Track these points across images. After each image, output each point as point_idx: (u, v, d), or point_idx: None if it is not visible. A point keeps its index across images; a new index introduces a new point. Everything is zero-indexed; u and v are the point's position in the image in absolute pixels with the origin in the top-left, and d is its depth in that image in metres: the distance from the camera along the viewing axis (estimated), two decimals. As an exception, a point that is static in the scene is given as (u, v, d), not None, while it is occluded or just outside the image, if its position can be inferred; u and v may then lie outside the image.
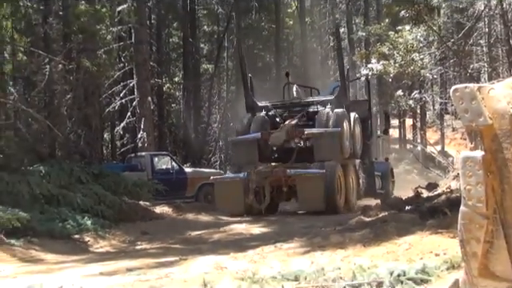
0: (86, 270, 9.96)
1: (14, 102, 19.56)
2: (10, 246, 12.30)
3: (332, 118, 18.55)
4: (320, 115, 19.02)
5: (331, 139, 18.18)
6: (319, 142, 18.44)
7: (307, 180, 17.58)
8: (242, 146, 19.54)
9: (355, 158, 20.14)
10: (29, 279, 9.09)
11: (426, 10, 18.50)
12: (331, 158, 18.04)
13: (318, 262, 7.95)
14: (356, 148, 19.90)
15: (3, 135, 17.61)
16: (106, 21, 24.92)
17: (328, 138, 18.20)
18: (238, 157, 20.11)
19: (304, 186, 17.51)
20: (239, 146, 19.80)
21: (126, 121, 28.20)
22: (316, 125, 18.88)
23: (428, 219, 10.86)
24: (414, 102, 34.73)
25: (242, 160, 19.31)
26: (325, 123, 18.58)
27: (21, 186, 15.09)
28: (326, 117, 18.74)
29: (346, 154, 18.87)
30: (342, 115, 18.81)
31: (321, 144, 18.32)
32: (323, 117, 18.84)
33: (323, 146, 18.20)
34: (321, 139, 18.38)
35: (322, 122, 18.73)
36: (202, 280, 6.18)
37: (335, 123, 18.40)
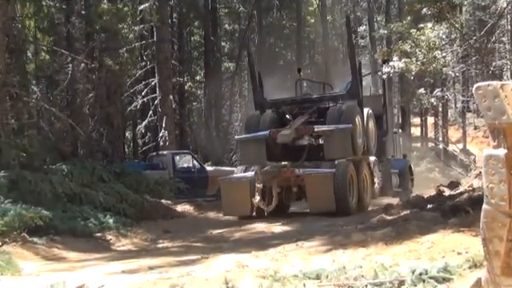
0: (108, 268, 10.01)
1: (36, 100, 19.69)
2: (33, 244, 12.37)
3: (343, 114, 17.51)
4: (331, 111, 17.91)
5: (342, 136, 17.17)
6: (330, 139, 17.38)
7: (316, 180, 16.72)
8: (249, 145, 18.49)
9: (369, 155, 19.11)
10: (51, 277, 9.14)
11: (448, 7, 18.38)
12: (342, 156, 17.15)
13: (339, 260, 7.93)
14: (370, 145, 18.91)
15: (26, 134, 17.74)
16: (128, 19, 25.07)
17: (339, 135, 17.16)
18: (245, 156, 19.21)
19: (313, 187, 16.61)
20: (247, 144, 18.76)
21: (147, 119, 28.32)
22: (327, 121, 17.65)
23: (450, 218, 10.82)
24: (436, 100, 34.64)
25: (250, 159, 18.52)
26: (336, 120, 17.42)
27: (43, 185, 15.17)
28: (337, 113, 17.64)
29: (358, 151, 17.84)
30: (354, 111, 17.87)
31: (331, 141, 17.32)
32: (334, 113, 17.74)
33: (334, 143, 17.24)
34: (331, 136, 17.30)
35: (332, 118, 17.56)
36: (224, 278, 6.18)
37: (347, 119, 17.29)
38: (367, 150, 18.65)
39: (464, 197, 13.43)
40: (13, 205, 13.10)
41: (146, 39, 28.44)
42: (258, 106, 19.82)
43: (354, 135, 17.28)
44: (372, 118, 19.24)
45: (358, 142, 17.67)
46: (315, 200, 16.64)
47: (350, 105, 17.96)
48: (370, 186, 18.40)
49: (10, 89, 16.70)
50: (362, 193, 17.64)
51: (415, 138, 42.50)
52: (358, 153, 17.82)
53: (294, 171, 16.96)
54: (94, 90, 22.38)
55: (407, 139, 38.95)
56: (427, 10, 19.80)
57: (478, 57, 23.05)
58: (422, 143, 42.91)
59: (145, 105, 28.91)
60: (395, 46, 24.02)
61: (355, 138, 17.41)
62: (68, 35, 24.54)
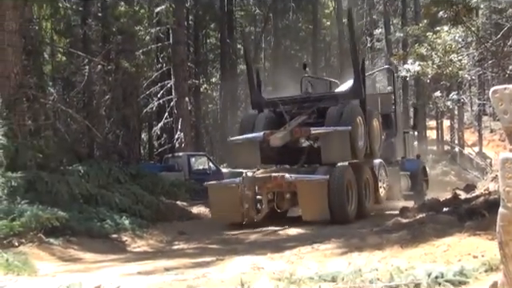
0: (124, 269, 10.03)
1: (53, 102, 19.77)
2: (49, 244, 12.42)
3: (343, 115, 16.23)
4: (330, 112, 16.54)
5: (340, 139, 15.89)
6: (327, 142, 16.10)
7: (309, 187, 15.36)
8: (242, 148, 17.16)
9: (373, 158, 17.83)
10: (68, 278, 9.18)
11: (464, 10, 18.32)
12: (341, 160, 16.13)
13: (355, 263, 7.93)
14: (374, 147, 17.51)
15: (43, 135, 17.79)
16: (144, 22, 25.18)
17: (337, 137, 15.92)
18: (238, 159, 17.68)
19: (306, 194, 15.23)
20: (240, 147, 17.33)
21: (163, 121, 28.38)
22: (325, 123, 16.42)
23: (466, 221, 10.79)
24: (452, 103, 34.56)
25: (243, 163, 17.25)
26: (335, 121, 16.18)
27: (60, 186, 15.23)
28: (337, 114, 16.33)
29: (359, 154, 16.54)
30: (355, 111, 16.60)
31: (329, 145, 16.04)
32: (333, 114, 16.41)
33: (331, 146, 15.98)
34: (329, 139, 16.06)
35: (331, 119, 16.31)
36: (239, 280, 6.20)
37: (346, 121, 16.05)
38: (371, 153, 17.44)
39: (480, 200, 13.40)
40: (29, 205, 13.17)
41: (162, 41, 28.51)
42: (256, 106, 18.91)
43: (353, 138, 16.10)
44: (377, 118, 18.07)
45: (359, 144, 16.53)
46: (308, 208, 15.35)
47: (350, 105, 16.84)
48: (372, 191, 17.26)
49: (26, 90, 16.77)
50: (362, 199, 16.50)
51: (431, 141, 42.37)
52: (359, 156, 16.64)
53: (284, 177, 15.57)
54: (111, 92, 22.47)
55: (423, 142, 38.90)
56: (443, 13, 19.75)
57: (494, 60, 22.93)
58: (437, 146, 42.78)
59: (161, 107, 28.99)
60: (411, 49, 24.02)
61: (355, 141, 16.24)
62: (84, 37, 24.63)
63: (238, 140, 17.57)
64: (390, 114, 19.58)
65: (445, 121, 44.12)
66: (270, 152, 17.10)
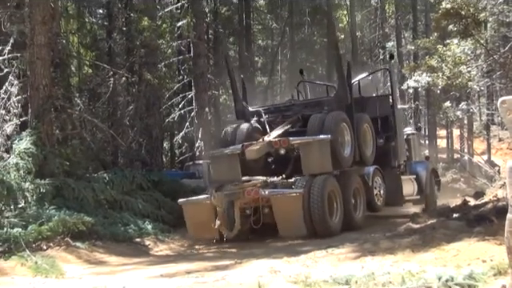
0: (148, 272, 10.06)
1: (79, 112, 19.85)
2: (76, 248, 12.49)
3: (325, 123, 14.78)
4: (312, 120, 15.09)
5: (320, 149, 14.39)
6: (306, 152, 14.50)
7: (283, 201, 13.64)
8: (221, 161, 15.66)
9: (365, 164, 16.26)
10: (94, 280, 9.23)
11: (473, 24, 18.30)
12: (321, 170, 14.35)
13: (368, 266, 7.92)
14: (365, 153, 16.14)
15: (70, 144, 17.88)
16: (166, 36, 25.29)
17: (316, 147, 14.42)
18: (217, 173, 15.97)
19: (280, 209, 13.53)
20: (219, 160, 15.85)
21: (184, 130, 28.43)
22: (307, 131, 14.96)
23: (475, 226, 10.74)
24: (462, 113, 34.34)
25: (223, 176, 15.31)
26: (317, 129, 14.73)
27: (86, 192, 15.33)
28: (319, 122, 14.88)
29: (345, 162, 15.15)
30: (338, 118, 15.10)
31: (308, 155, 14.47)
32: (315, 122, 14.97)
33: (311, 156, 14.44)
34: (308, 149, 14.49)
35: (313, 128, 14.87)
36: (257, 283, 6.21)
37: (329, 129, 14.60)
38: (361, 160, 16.06)
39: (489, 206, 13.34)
40: (57, 211, 13.28)
41: (184, 54, 28.59)
42: (241, 116, 17.42)
43: (336, 146, 14.68)
44: (368, 123, 16.54)
45: (344, 152, 15.20)
46: (284, 223, 13.65)
47: (333, 112, 15.28)
48: (364, 200, 15.60)
49: (54, 101, 16.86)
50: (350, 209, 14.82)
51: (441, 149, 42.25)
52: (345, 164, 15.25)
53: (258, 191, 13.76)
54: (134, 103, 22.57)
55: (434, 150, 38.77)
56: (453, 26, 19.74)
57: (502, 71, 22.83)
58: (447, 154, 42.65)
59: (182, 116, 29.04)
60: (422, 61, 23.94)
61: (339, 149, 14.86)
62: (109, 50, 24.76)
63: (217, 153, 16.27)
64: (388, 117, 17.74)
65: (454, 130, 43.94)
66: (254, 164, 15.49)
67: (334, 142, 14.60)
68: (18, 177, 14.73)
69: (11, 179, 14.46)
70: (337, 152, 14.72)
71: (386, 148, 17.48)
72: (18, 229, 12.21)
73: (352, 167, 15.66)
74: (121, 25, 25.10)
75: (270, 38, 42.88)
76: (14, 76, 18.10)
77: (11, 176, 14.67)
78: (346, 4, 40.57)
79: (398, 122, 17.95)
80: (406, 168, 18.61)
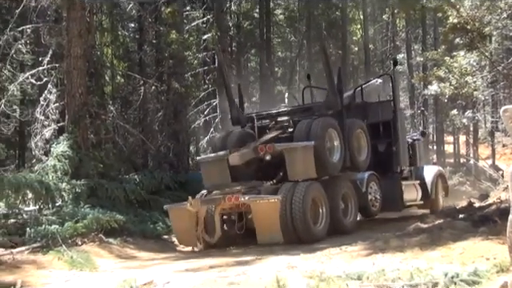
0: (174, 267, 10.09)
1: (112, 118, 19.95)
2: (108, 244, 12.56)
3: (312, 129, 13.65)
4: (299, 126, 13.98)
5: (304, 155, 13.29)
6: (291, 158, 13.38)
7: (262, 207, 12.38)
8: (211, 166, 14.60)
9: (357, 170, 15.08)
10: (124, 273, 9.27)
11: (478, 37, 18.22)
12: (304, 176, 13.25)
13: (379, 263, 7.90)
14: (357, 159, 14.85)
15: (103, 148, 17.98)
16: (193, 48, 25.28)
17: (300, 153, 13.33)
18: (207, 178, 14.75)
19: (259, 215, 12.35)
20: (208, 165, 14.77)
21: (209, 135, 28.44)
22: (294, 137, 13.87)
23: (480, 227, 10.70)
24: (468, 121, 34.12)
25: (212, 181, 14.36)
26: (304, 136, 13.62)
27: (118, 192, 15.43)
28: (306, 128, 13.74)
29: (333, 169, 13.96)
30: (325, 125, 13.90)
31: (292, 161, 13.37)
32: (302, 128, 13.82)
33: (295, 163, 13.35)
34: (292, 155, 13.39)
35: (300, 134, 13.75)
36: (275, 277, 6.21)
37: (315, 135, 13.50)
38: (353, 165, 14.78)
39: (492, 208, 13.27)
40: (91, 209, 13.37)
41: (209, 65, 28.59)
42: (235, 122, 16.30)
43: (321, 152, 13.50)
44: (362, 129, 15.31)
45: (332, 158, 14.00)
46: (262, 230, 12.37)
47: (320, 118, 14.12)
48: (354, 205, 14.48)
49: (89, 108, 16.97)
50: (338, 215, 13.74)
51: (448, 154, 42.00)
52: (333, 170, 14.04)
53: (238, 198, 12.64)
54: (163, 110, 22.60)
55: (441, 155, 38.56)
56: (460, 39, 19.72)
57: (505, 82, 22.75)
58: (454, 159, 42.36)
59: (207, 122, 29.02)
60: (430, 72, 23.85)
61: (325, 155, 13.66)
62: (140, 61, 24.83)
63: (206, 158, 15.23)
64: (390, 122, 16.45)
65: (461, 136, 43.64)
66: (246, 169, 14.42)
67: (320, 148, 13.44)
68: (56, 178, 14.87)
69: (49, 180, 14.60)
70: (323, 158, 13.59)
71: (388, 153, 16.42)
72: (56, 226, 12.31)
73: (342, 173, 14.48)
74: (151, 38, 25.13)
75: (289, 50, 42.86)
76: (52, 85, 18.24)
77: (49, 177, 14.81)
78: (360, 18, 40.50)
79: (400, 127, 16.67)
80: (411, 173, 17.51)
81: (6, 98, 19.00)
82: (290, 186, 12.97)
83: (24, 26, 18.85)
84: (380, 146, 16.40)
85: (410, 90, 37.10)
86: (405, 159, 16.87)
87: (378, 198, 15.38)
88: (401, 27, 41.43)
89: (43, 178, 14.64)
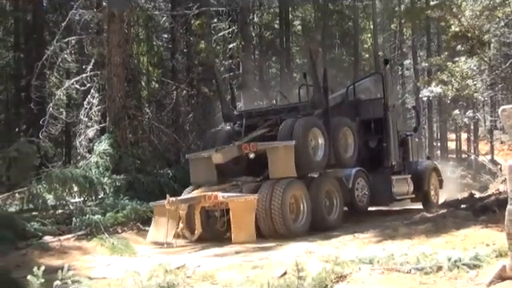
0: (204, 253, 10.12)
1: (148, 119, 20.04)
2: (145, 232, 12.60)
3: (294, 128, 12.63)
4: (283, 126, 12.90)
5: (285, 153, 12.30)
6: (272, 157, 12.40)
7: (239, 206, 11.45)
8: (198, 163, 13.51)
9: (343, 167, 13.95)
10: (160, 258, 9.31)
11: (478, 44, 18.10)
12: (284, 175, 12.19)
13: (388, 249, 7.87)
14: (343, 157, 13.72)
15: (140, 145, 18.06)
16: (220, 56, 25.30)
17: (281, 152, 12.34)
18: (194, 175, 13.69)
19: (236, 213, 11.34)
20: (196, 163, 13.65)
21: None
22: (278, 136, 12.81)
23: (480, 216, 10.66)
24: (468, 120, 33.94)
25: (200, 179, 13.31)
26: (286, 135, 12.60)
27: (153, 186, 15.47)
28: (289, 127, 12.71)
29: (316, 166, 12.98)
30: (308, 124, 12.83)
31: (274, 159, 12.37)
32: (286, 127, 12.80)
33: (276, 161, 12.34)
34: (274, 154, 12.40)
35: (283, 133, 12.71)
36: (295, 262, 6.20)
37: (297, 134, 12.49)
38: (338, 163, 13.67)
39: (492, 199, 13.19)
40: (130, 201, 13.45)
41: (234, 71, 28.65)
42: (226, 119, 15.36)
43: (303, 151, 12.48)
44: (349, 127, 14.18)
45: (316, 156, 12.93)
46: (236, 228, 11.25)
47: (304, 118, 13.05)
48: (339, 201, 13.29)
49: (128, 110, 17.05)
50: (321, 212, 12.61)
51: (451, 151, 41.72)
52: (317, 168, 13.07)
53: (217, 197, 11.61)
54: (193, 112, 22.68)
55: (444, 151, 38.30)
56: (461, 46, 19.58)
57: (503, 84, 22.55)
58: (456, 155, 42.09)
59: (233, 123, 29.15)
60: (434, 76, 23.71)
61: (307, 154, 12.61)
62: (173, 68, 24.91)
63: (194, 156, 14.07)
64: (381, 119, 15.44)
65: (462, 134, 43.36)
66: (236, 166, 13.47)
67: (302, 147, 12.40)
68: (98, 173, 14.97)
69: (93, 175, 14.71)
70: (306, 156, 12.54)
71: (379, 149, 15.48)
72: (98, 215, 12.41)
73: (327, 170, 13.46)
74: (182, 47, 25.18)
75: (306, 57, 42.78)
76: (94, 90, 18.38)
77: (93, 172, 14.92)
78: (370, 28, 40.31)
79: (391, 123, 15.53)
80: (404, 167, 16.33)
81: (53, 102, 19.20)
82: (269, 183, 11.95)
83: (69, 38, 19.01)
84: (371, 142, 15.67)
85: (416, 93, 36.87)
86: (396, 154, 15.73)
87: (365, 193, 14.36)
88: (407, 35, 41.20)
89: (87, 173, 14.74)
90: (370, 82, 17.36)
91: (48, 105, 19.31)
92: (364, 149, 15.14)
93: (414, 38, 39.63)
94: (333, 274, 6.15)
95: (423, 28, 37.50)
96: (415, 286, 5.78)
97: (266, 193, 11.71)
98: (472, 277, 5.92)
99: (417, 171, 16.62)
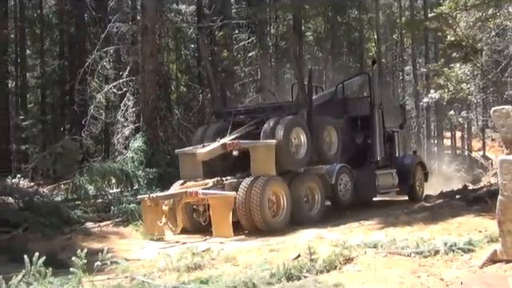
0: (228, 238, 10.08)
1: (177, 120, 20.11)
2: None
3: (276, 127, 11.70)
4: (267, 124, 11.94)
5: (265, 152, 11.41)
6: (254, 155, 11.46)
7: (216, 202, 10.56)
8: (186, 159, 12.41)
9: (326, 164, 12.78)
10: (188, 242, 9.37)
11: (471, 52, 17.98)
12: (265, 172, 11.20)
13: (390, 234, 7.85)
14: (326, 154, 12.72)
15: (170, 142, 18.13)
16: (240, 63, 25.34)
17: (262, 150, 11.46)
18: (182, 170, 12.68)
19: (214, 209, 10.51)
20: (185, 158, 12.55)
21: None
22: (261, 135, 11.85)
23: (473, 206, 10.63)
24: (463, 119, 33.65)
25: (187, 174, 12.21)
26: (269, 133, 11.65)
27: (181, 178, 15.52)
28: (272, 126, 11.76)
29: (298, 164, 12.04)
30: (291, 123, 11.88)
31: (255, 158, 11.41)
32: (269, 125, 11.82)
33: (257, 159, 11.39)
34: (255, 152, 11.48)
35: (266, 132, 11.76)
36: (307, 245, 6.20)
37: (279, 133, 11.60)
38: (321, 160, 12.71)
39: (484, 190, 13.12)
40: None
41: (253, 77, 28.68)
42: (217, 116, 14.34)
43: (285, 149, 11.57)
44: (333, 125, 13.15)
45: (298, 155, 12.03)
46: (216, 223, 10.42)
47: (287, 117, 12.06)
48: (320, 197, 12.26)
49: (159, 111, 17.16)
50: (301, 207, 11.68)
51: (447, 147, 41.45)
52: (299, 165, 12.07)
53: (197, 193, 10.79)
54: (217, 113, 22.78)
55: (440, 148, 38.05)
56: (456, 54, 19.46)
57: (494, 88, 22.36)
58: (452, 151, 41.80)
59: (252, 124, 29.14)
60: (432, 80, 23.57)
61: (288, 153, 11.69)
62: (199, 74, 24.98)
63: (182, 152, 12.94)
64: (367, 116, 14.51)
65: (457, 132, 43.07)
66: (223, 162, 12.35)
67: (283, 146, 11.53)
68: (133, 167, 15.06)
69: (128, 168, 14.82)
70: (287, 154, 11.67)
71: (364, 145, 14.61)
72: (134, 204, 12.52)
73: (309, 167, 12.40)
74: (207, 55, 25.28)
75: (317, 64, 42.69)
76: (130, 93, 18.50)
77: (128, 166, 15.02)
78: (374, 38, 40.16)
79: (377, 121, 14.47)
80: (390, 162, 15.28)
81: (94, 104, 19.36)
82: (250, 180, 10.91)
83: (108, 48, 19.17)
84: (358, 139, 14.71)
85: (415, 96, 36.67)
86: (381, 150, 14.59)
87: (348, 188, 13.18)
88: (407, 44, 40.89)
89: (123, 167, 14.85)
90: (359, 81, 16.71)
91: (89, 107, 19.46)
92: (351, 145, 14.40)
93: (414, 46, 39.39)
94: (341, 256, 6.14)
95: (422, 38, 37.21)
96: (415, 267, 5.75)
97: (245, 190, 10.73)
98: (466, 260, 5.88)
99: (403, 165, 15.52)
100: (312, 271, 5.73)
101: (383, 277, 5.45)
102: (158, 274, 6.35)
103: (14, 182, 15.57)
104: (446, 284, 4.93)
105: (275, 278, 5.57)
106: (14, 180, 16.03)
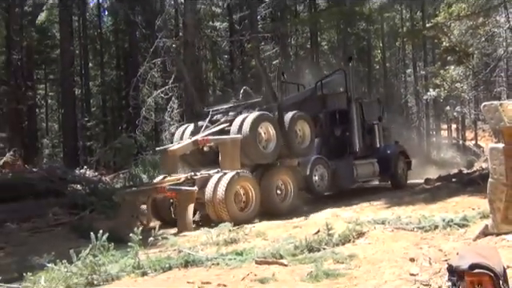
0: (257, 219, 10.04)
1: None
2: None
3: (244, 123, 10.46)
4: (235, 121, 10.70)
5: (231, 147, 10.22)
6: (221, 150, 10.30)
7: (181, 197, 9.32)
8: (165, 155, 11.10)
9: (299, 156, 11.46)
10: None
11: (464, 55, 17.67)
12: (231, 167, 9.91)
13: (396, 213, 7.78)
14: (298, 147, 11.26)
15: (209, 138, 18.21)
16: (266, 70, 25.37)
17: (229, 145, 10.24)
18: (162, 165, 12.02)
19: (180, 204, 9.33)
20: (163, 154, 11.43)
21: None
22: (231, 131, 10.59)
23: (467, 187, 10.48)
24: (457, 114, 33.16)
25: (165, 170, 10.89)
26: (238, 129, 10.41)
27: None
28: (240, 122, 10.51)
29: (267, 158, 10.67)
30: (258, 119, 10.57)
31: (223, 153, 10.23)
32: (238, 122, 10.59)
33: (225, 155, 10.19)
34: (222, 147, 10.31)
35: (235, 128, 10.51)
36: (325, 222, 6.21)
37: (246, 128, 10.37)
38: (293, 153, 11.26)
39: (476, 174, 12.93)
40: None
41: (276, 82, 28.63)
42: (197, 115, 12.84)
43: (252, 144, 10.32)
44: (305, 120, 11.59)
45: (267, 149, 10.72)
46: (179, 217, 9.23)
47: (255, 113, 10.76)
48: (293, 188, 10.88)
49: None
50: (272, 199, 10.38)
51: (444, 138, 40.94)
52: (268, 159, 10.73)
53: (164, 188, 9.51)
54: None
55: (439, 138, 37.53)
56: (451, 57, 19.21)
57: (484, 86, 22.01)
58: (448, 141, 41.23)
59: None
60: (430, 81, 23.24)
61: (255, 147, 10.41)
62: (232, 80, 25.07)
63: (161, 149, 11.83)
64: (345, 110, 13.31)
65: (453, 125, 42.46)
66: (204, 157, 11.13)
67: (250, 141, 10.31)
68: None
69: (174, 160, 14.86)
70: (254, 149, 10.43)
71: (343, 137, 13.42)
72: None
73: (280, 160, 11.11)
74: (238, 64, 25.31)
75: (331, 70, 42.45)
76: (175, 97, 18.64)
77: (174, 158, 15.08)
78: (380, 46, 39.77)
79: (355, 114, 13.27)
80: (372, 152, 13.92)
81: (145, 107, 19.54)
82: (217, 176, 9.58)
83: (156, 60, 19.31)
84: (336, 131, 13.57)
85: (416, 94, 36.22)
86: (359, 142, 13.35)
87: (324, 178, 12.10)
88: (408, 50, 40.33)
89: (171, 159, 14.93)
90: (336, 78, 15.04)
91: (141, 109, 19.67)
92: (330, 137, 13.38)
93: (414, 52, 38.86)
94: (354, 231, 6.12)
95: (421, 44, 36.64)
96: (417, 240, 5.72)
97: (213, 185, 9.41)
98: (461, 233, 5.83)
99: (384, 155, 14.10)
100: (329, 244, 5.74)
101: (390, 248, 5.44)
102: (201, 247, 6.40)
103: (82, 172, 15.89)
104: (445, 254, 4.89)
105: (298, 250, 5.60)
106: (81, 170, 16.37)
